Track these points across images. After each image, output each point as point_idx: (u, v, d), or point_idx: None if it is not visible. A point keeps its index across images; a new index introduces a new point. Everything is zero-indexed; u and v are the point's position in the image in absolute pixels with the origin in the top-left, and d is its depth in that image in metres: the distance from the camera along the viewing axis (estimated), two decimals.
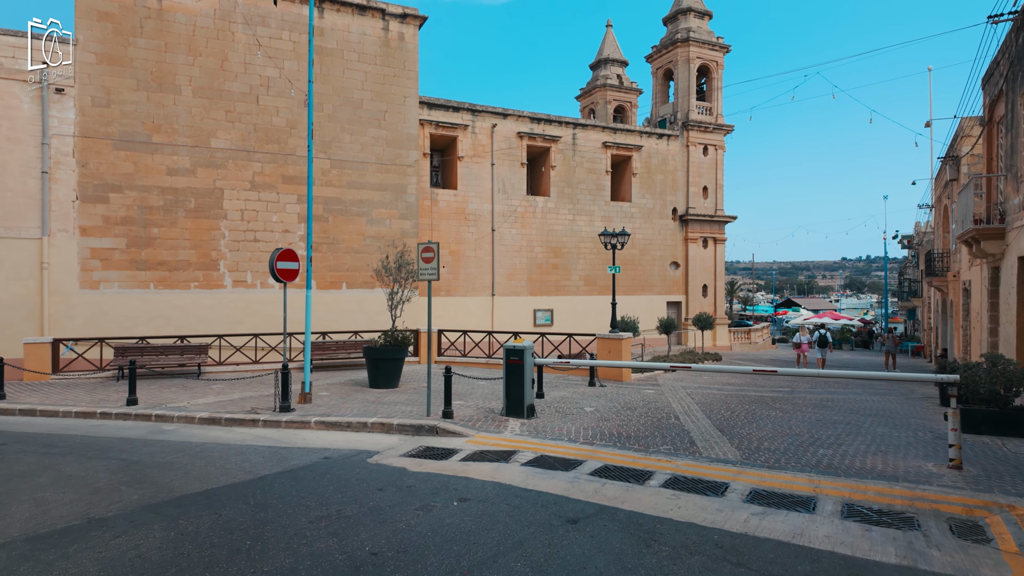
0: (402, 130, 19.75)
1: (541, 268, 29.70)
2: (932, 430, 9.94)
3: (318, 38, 18.62)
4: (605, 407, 11.39)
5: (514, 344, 9.96)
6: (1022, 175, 11.42)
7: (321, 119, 18.65)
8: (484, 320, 28.18)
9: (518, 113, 28.91)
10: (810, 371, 8.46)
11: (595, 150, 31.03)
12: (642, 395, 13.26)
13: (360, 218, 19.18)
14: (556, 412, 10.68)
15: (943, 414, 11.74)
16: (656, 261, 32.78)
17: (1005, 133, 12.82)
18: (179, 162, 17.13)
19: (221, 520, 5.32)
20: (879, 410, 12.20)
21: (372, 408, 10.74)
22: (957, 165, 18.48)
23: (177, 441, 8.71)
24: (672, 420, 10.23)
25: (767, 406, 12.21)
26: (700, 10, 34.61)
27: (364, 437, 8.99)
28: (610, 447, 8.18)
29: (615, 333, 16.22)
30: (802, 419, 10.71)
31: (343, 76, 18.94)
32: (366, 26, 19.24)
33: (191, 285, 17.29)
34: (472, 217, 27.87)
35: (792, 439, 8.90)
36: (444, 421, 9.39)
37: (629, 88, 42.89)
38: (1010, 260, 12.18)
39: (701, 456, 7.75)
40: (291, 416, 9.84)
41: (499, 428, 9.24)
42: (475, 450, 8.08)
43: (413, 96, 19.96)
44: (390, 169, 19.61)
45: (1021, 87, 11.38)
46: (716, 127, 33.75)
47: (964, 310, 18.59)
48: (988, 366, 9.91)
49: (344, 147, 19.00)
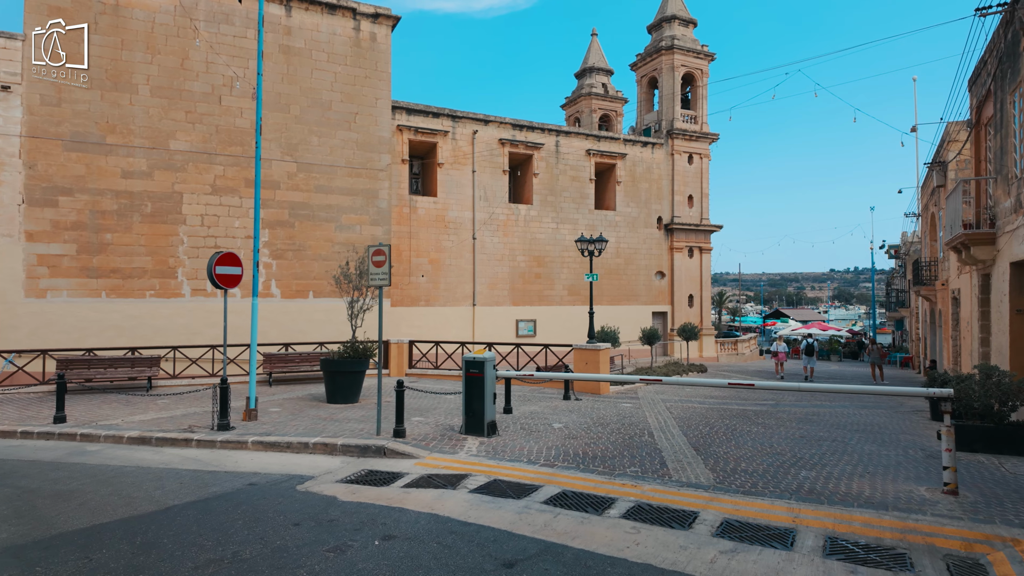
0: (374, 133, 19.03)
1: (524, 277, 28.98)
2: (923, 447, 9.24)
3: (285, 37, 17.92)
4: (576, 423, 10.62)
5: (474, 355, 9.18)
6: (1013, 177, 10.86)
7: (288, 121, 17.91)
8: (465, 331, 27.38)
9: (500, 120, 28.32)
10: (790, 385, 7.74)
11: (579, 158, 30.48)
12: (618, 409, 12.50)
13: (328, 224, 18.38)
14: (521, 429, 9.88)
15: (934, 430, 11.10)
16: (641, 271, 32.16)
17: (994, 134, 12.29)
18: (135, 164, 16.28)
19: (88, 567, 4.48)
20: (867, 425, 11.51)
21: (321, 426, 9.89)
22: (944, 171, 18.01)
23: (93, 464, 7.83)
24: (645, 437, 9.47)
25: (749, 421, 11.49)
26: (684, 18, 34.35)
27: (303, 459, 8.15)
28: (572, 469, 7.40)
29: (592, 344, 15.48)
30: (785, 435, 9.98)
31: (311, 77, 18.22)
32: (336, 26, 18.56)
33: (147, 294, 16.38)
34: (452, 225, 27.16)
35: (772, 459, 8.16)
36: (394, 441, 8.57)
37: (614, 97, 42.54)
38: (1001, 266, 11.58)
39: (671, 480, 6.99)
40: (228, 435, 8.98)
41: (455, 448, 8.43)
42: (423, 474, 7.27)
43: (385, 98, 19.27)
44: (361, 173, 18.85)
45: (1011, 84, 10.85)
46: (701, 135, 33.34)
47: (953, 319, 18.02)
48: (982, 379, 9.24)
49: (312, 150, 18.24)
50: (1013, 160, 10.86)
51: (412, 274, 26.41)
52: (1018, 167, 10.63)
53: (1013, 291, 11.02)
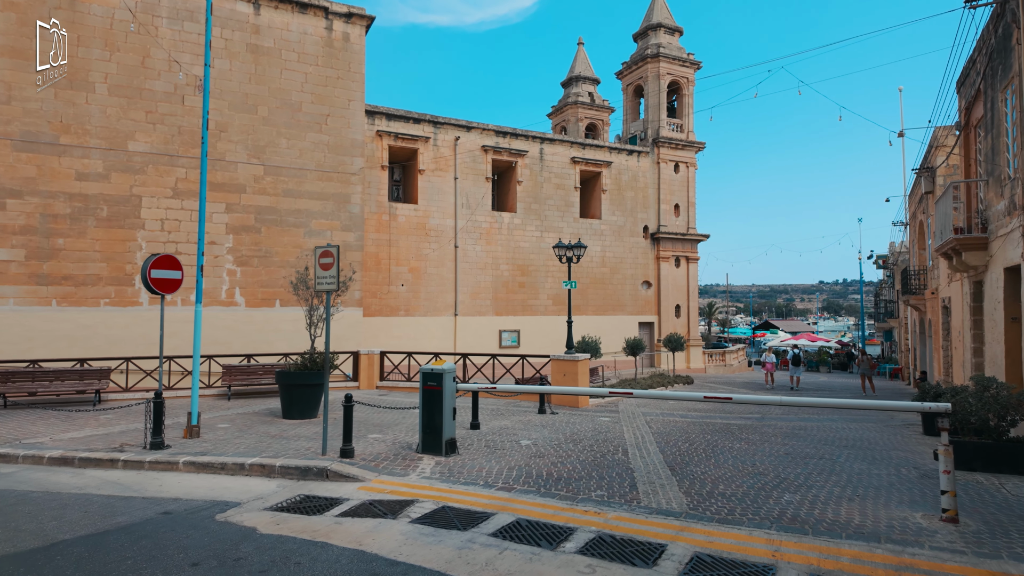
0: (346, 135, 18.35)
1: (507, 286, 28.29)
2: (917, 466, 8.57)
3: (253, 36, 17.24)
4: (546, 439, 9.87)
5: (431, 367, 8.44)
6: (1006, 178, 10.32)
7: (255, 122, 17.18)
8: (446, 341, 26.61)
9: (483, 126, 27.77)
10: (770, 399, 7.05)
11: (563, 165, 29.94)
12: (594, 424, 11.77)
13: (297, 229, 17.62)
14: (486, 447, 9.12)
15: (927, 445, 10.43)
16: (627, 280, 31.56)
17: (984, 135, 11.78)
18: (91, 166, 15.48)
19: None
20: (856, 440, 10.84)
21: (266, 444, 9.09)
22: (932, 177, 17.55)
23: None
24: (619, 455, 8.73)
25: (732, 436, 10.79)
26: (670, 26, 34.08)
27: (236, 483, 7.34)
28: (532, 494, 6.65)
29: (571, 354, 14.76)
30: (769, 452, 9.28)
31: (280, 77, 17.54)
32: (307, 25, 17.92)
33: (101, 302, 15.51)
34: (434, 233, 26.48)
35: (754, 480, 7.45)
36: (339, 462, 7.78)
37: (600, 106, 42.20)
38: (995, 272, 11.02)
39: (639, 506, 6.25)
40: (159, 455, 8.16)
41: (407, 469, 7.66)
42: (365, 500, 6.49)
43: (359, 100, 18.61)
44: (332, 177, 18.13)
45: (1002, 81, 10.34)
46: (687, 144, 32.95)
47: (944, 329, 17.47)
48: (978, 391, 8.61)
49: (281, 152, 17.51)
50: (1006, 160, 10.33)
51: (392, 283, 25.65)
52: (1011, 167, 10.09)
53: (1008, 298, 10.45)
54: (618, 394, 7.73)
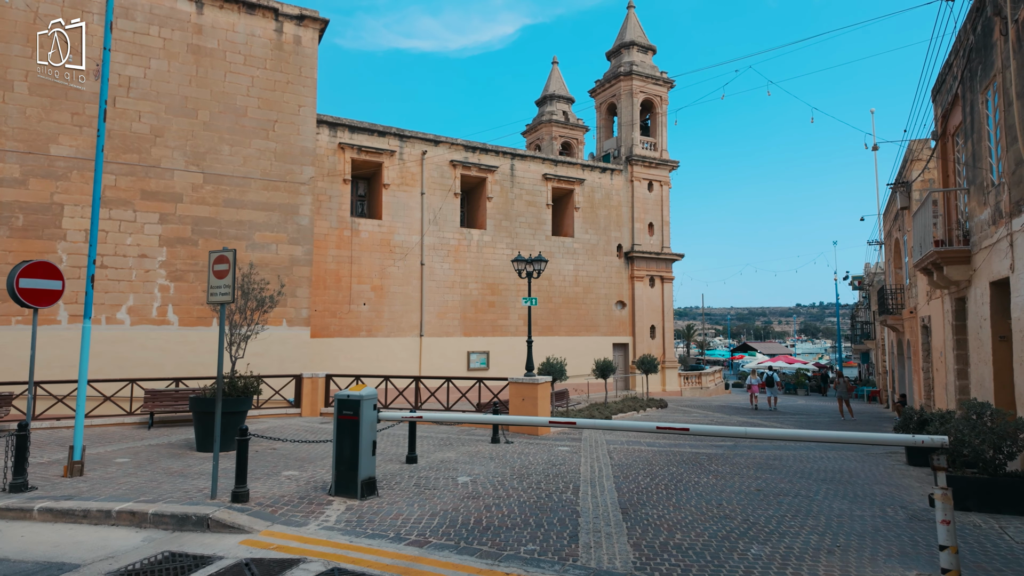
0: (295, 143, 17.22)
1: (476, 306, 27.13)
2: (904, 504, 7.54)
3: (195, 36, 16.15)
4: (490, 475, 8.67)
5: (348, 392, 7.24)
6: (989, 185, 9.55)
7: (195, 127, 16.00)
8: (411, 363, 25.30)
9: (451, 141, 26.86)
10: (734, 431, 5.98)
11: (535, 182, 29.11)
12: (551, 455, 10.60)
13: (239, 242, 16.34)
14: (414, 486, 7.89)
15: (912, 477, 9.43)
16: (601, 300, 30.61)
17: (964, 142, 11.07)
18: (6, 170, 14.13)
19: None
20: (836, 472, 9.81)
21: (156, 484, 7.75)
22: (908, 192, 16.94)
23: None
24: (568, 494, 7.57)
25: (700, 468, 9.69)
26: (643, 44, 33.81)
27: (94, 535, 6.03)
28: (448, 550, 5.45)
29: (530, 377, 13.62)
30: (739, 488, 8.19)
31: (224, 80, 16.42)
32: (255, 26, 16.90)
33: (13, 320, 14.04)
34: (399, 250, 25.32)
35: (718, 525, 6.33)
36: (226, 508, 6.50)
37: (575, 125, 41.78)
38: (979, 287, 10.19)
39: (574, 565, 5.09)
40: (12, 500, 6.80)
41: (309, 516, 6.41)
42: (242, 559, 5.25)
43: (310, 106, 17.54)
44: (279, 187, 16.95)
45: (982, 82, 9.63)
46: (661, 162, 32.41)
47: (924, 350, 16.70)
48: (970, 418, 7.65)
49: (222, 160, 16.31)
50: (989, 166, 9.56)
51: (353, 302, 24.36)
52: (995, 173, 9.32)
53: (995, 315, 9.59)
54: (559, 424, 6.61)
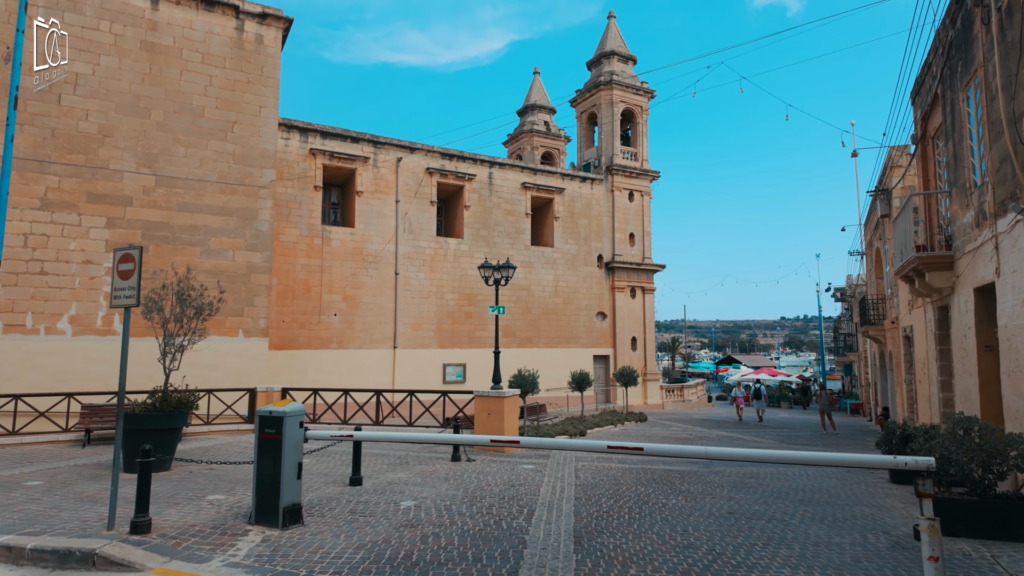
0: (255, 145, 16.47)
1: (453, 317, 26.39)
2: (887, 529, 6.89)
3: (149, 33, 15.42)
4: (440, 497, 7.90)
5: (271, 408, 6.46)
6: (972, 186, 9.05)
7: (147, 127, 15.21)
8: (384, 376, 24.46)
9: (427, 148, 26.26)
10: (696, 450, 5.28)
11: (514, 191, 28.55)
12: (513, 474, 9.84)
13: (192, 248, 15.50)
14: (349, 513, 7.09)
15: (896, 497, 8.77)
16: (581, 311, 29.98)
17: (945, 142, 10.61)
18: None
19: None
20: (814, 491, 9.16)
21: (56, 511, 6.89)
22: (888, 199, 16.55)
23: None
24: (519, 520, 6.82)
25: (670, 488, 8.99)
26: (624, 54, 33.58)
27: None
28: None
29: (497, 390, 12.88)
30: (709, 511, 7.49)
31: (180, 79, 15.67)
32: (214, 24, 16.20)
33: None
34: (372, 259, 24.57)
35: (681, 557, 5.62)
36: (120, 542, 5.67)
37: (556, 135, 41.46)
38: (963, 294, 9.67)
39: None
40: None
41: (216, 551, 5.61)
42: None
43: (271, 107, 16.82)
44: (236, 190, 16.16)
45: (963, 79, 9.17)
46: (641, 172, 32.04)
47: (906, 361, 16.20)
48: (956, 433, 7.05)
49: (177, 161, 15.51)
50: (971, 165, 9.07)
51: (323, 312, 23.52)
52: (978, 173, 8.83)
53: (980, 323, 9.05)
54: (501, 442, 5.87)
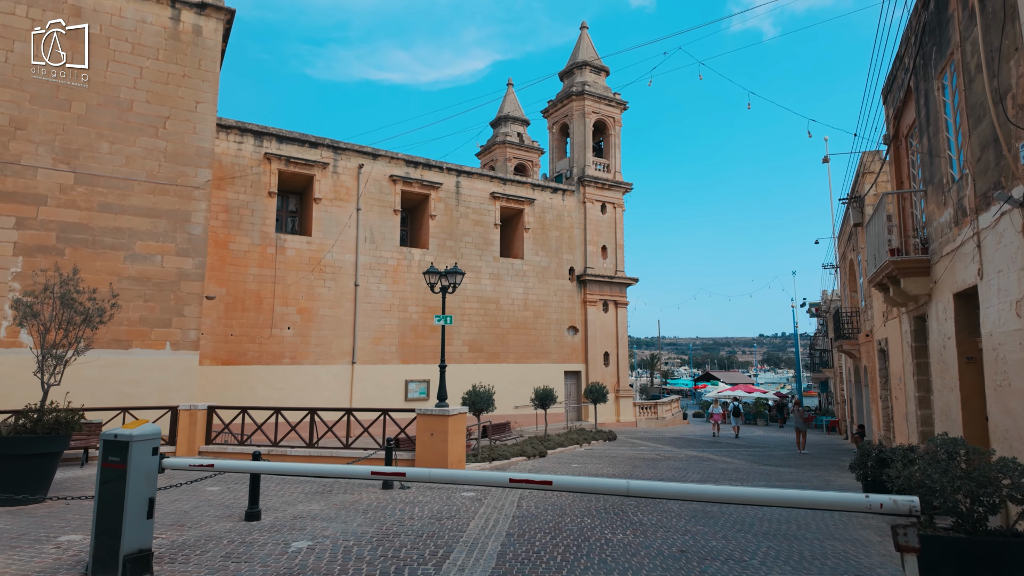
0: (190, 143, 15.27)
1: (416, 331, 25.17)
2: (861, 572, 5.86)
3: (74, 19, 14.25)
4: (345, 536, 6.71)
5: (116, 431, 5.25)
6: (949, 181, 8.24)
7: (66, 120, 13.96)
8: (342, 393, 23.11)
9: (391, 155, 25.23)
10: (617, 484, 4.21)
11: (483, 201, 27.58)
12: (446, 504, 8.67)
13: (115, 252, 14.19)
14: (221, 559, 5.87)
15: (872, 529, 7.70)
16: (552, 325, 28.95)
17: (920, 138, 9.85)
18: None
19: None
20: (781, 522, 8.12)
21: None
22: (861, 207, 15.88)
23: None
24: (427, 567, 5.67)
25: (620, 519, 7.90)
26: (596, 65, 33.07)
27: None
28: None
29: (441, 408, 11.73)
30: (658, 550, 6.41)
31: (106, 69, 14.48)
32: (147, 12, 15.07)
33: None
34: (330, 269, 23.35)
35: None
36: None
37: (530, 147, 40.82)
38: (941, 301, 8.81)
39: None
40: None
41: None
42: None
43: (209, 103, 15.67)
44: (168, 191, 14.91)
45: (937, 66, 8.41)
46: (614, 184, 31.34)
47: (882, 376, 15.39)
48: (938, 456, 6.07)
49: (100, 158, 14.25)
50: (948, 160, 8.26)
51: (275, 325, 22.18)
52: (956, 167, 8.01)
53: (960, 332, 8.17)
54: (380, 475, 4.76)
